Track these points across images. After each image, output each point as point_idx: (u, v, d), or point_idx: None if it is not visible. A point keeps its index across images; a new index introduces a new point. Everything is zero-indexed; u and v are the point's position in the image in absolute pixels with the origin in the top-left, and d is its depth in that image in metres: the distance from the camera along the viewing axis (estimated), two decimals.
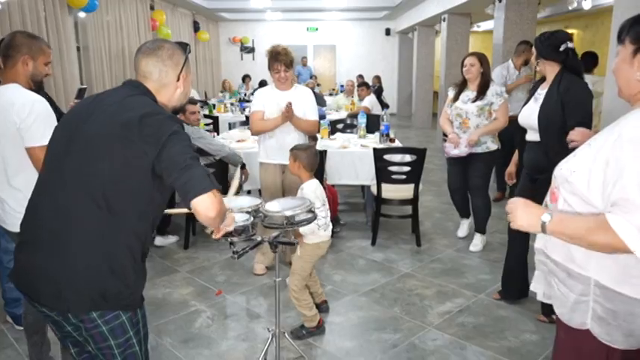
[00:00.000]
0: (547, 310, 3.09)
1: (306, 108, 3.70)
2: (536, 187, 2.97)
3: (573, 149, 1.95)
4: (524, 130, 3.15)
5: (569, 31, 10.94)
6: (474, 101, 4.06)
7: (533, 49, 3.01)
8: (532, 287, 1.72)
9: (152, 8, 9.35)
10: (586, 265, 1.41)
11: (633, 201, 1.23)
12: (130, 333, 1.61)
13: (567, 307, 1.47)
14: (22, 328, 3.10)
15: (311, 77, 12.76)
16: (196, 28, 12.33)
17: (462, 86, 4.21)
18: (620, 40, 1.42)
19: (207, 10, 12.09)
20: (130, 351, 1.63)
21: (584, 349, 1.46)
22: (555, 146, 2.81)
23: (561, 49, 2.83)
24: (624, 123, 1.34)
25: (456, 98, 4.19)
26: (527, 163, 3.14)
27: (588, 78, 4.99)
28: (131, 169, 1.50)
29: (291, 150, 2.96)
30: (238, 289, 3.62)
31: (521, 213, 1.44)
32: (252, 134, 3.96)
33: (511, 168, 3.50)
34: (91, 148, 1.52)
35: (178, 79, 1.69)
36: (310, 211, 2.22)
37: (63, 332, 1.67)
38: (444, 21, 9.50)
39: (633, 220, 1.23)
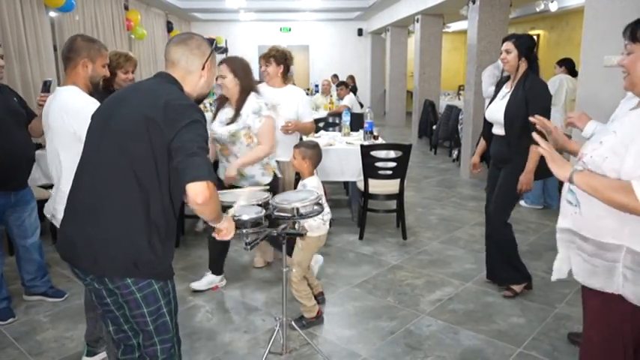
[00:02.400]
0: (508, 283, 3.45)
1: (299, 110, 3.78)
2: (501, 174, 3.32)
3: (529, 144, 2.28)
4: (490, 125, 3.42)
5: (536, 31, 11.34)
6: (228, 124, 3.21)
7: (508, 48, 3.15)
8: (556, 267, 1.86)
9: (126, 8, 9.25)
10: (620, 235, 1.59)
11: None
12: (161, 302, 1.75)
13: (601, 275, 1.64)
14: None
15: None
16: (169, 28, 12.22)
17: (222, 101, 3.38)
18: (635, 39, 1.61)
19: (180, 10, 12.00)
20: (161, 320, 1.77)
21: (614, 313, 1.66)
22: (516, 139, 3.12)
23: (534, 51, 3.15)
24: None
25: (214, 117, 3.34)
26: (493, 154, 3.43)
27: (572, 80, 5.32)
28: (155, 149, 1.64)
29: (298, 147, 3.02)
30: (233, 284, 3.69)
31: (557, 159, 1.69)
32: None
33: (475, 159, 3.64)
34: (123, 129, 1.67)
35: (203, 68, 1.84)
36: (318, 203, 2.32)
37: (103, 304, 1.81)
38: (417, 22, 9.71)
39: None
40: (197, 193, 1.57)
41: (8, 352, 2.85)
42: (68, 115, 2.28)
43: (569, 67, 5.42)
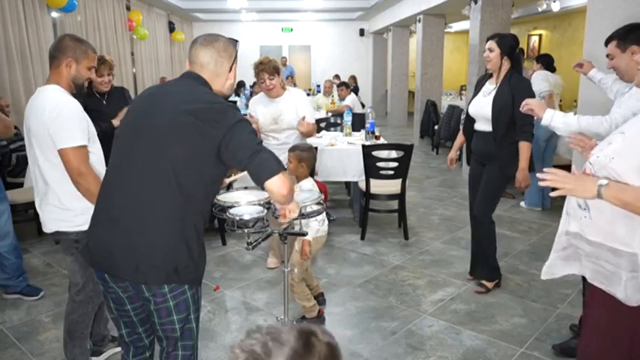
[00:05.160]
0: (478, 274, 3.59)
1: (299, 112, 3.76)
2: (486, 170, 3.37)
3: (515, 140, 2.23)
4: (471, 121, 3.43)
5: (538, 31, 11.32)
6: None
7: (491, 46, 3.20)
8: (561, 272, 1.81)
9: (128, 8, 9.27)
10: (630, 242, 1.53)
11: None
12: (191, 309, 1.75)
13: (621, 285, 1.56)
14: None
15: (287, 78, 12.75)
16: (171, 28, 12.25)
17: None
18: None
19: (181, 10, 12.02)
20: (188, 326, 1.77)
21: (619, 325, 1.61)
22: (502, 135, 3.18)
23: (517, 50, 3.22)
24: None
25: None
26: (476, 150, 3.44)
27: (552, 76, 5.34)
28: (198, 152, 1.63)
29: (293, 151, 3.01)
30: (235, 285, 3.69)
31: (575, 181, 1.54)
32: None
33: (452, 154, 3.68)
34: (162, 133, 1.65)
35: (230, 70, 1.84)
36: (319, 203, 2.31)
37: (121, 311, 1.79)
38: (419, 22, 9.70)
39: None
40: (280, 186, 1.64)
41: (10, 352, 2.85)
42: (43, 116, 2.16)
43: (546, 62, 5.42)
